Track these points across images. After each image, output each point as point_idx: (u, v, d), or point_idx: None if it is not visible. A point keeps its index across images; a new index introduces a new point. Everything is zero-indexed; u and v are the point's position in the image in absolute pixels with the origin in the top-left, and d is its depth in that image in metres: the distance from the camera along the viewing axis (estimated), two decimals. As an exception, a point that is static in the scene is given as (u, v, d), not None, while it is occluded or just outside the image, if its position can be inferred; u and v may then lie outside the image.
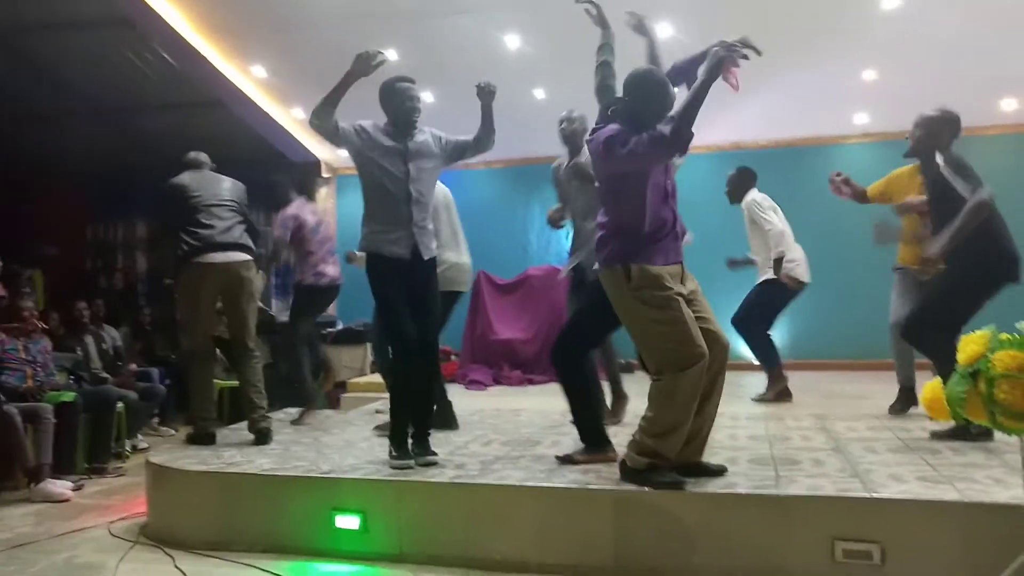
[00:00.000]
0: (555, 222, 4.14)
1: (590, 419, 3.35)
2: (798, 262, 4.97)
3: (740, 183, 5.15)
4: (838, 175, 4.34)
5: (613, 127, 2.85)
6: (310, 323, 4.83)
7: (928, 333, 3.52)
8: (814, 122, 7.60)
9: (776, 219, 4.95)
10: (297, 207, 4.76)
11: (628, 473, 2.83)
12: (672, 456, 2.78)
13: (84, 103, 7.07)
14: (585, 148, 3.45)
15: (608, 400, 4.11)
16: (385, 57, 3.26)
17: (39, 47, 6.24)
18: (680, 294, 2.80)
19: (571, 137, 3.91)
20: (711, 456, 3.23)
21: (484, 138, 3.49)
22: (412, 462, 3.17)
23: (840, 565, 2.49)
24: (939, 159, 3.51)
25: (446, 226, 4.22)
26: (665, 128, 2.71)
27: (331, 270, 4.73)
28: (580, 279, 3.77)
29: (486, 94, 3.39)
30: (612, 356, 4.24)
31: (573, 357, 3.35)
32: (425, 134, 3.43)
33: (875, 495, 2.57)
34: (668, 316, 2.74)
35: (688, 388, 2.70)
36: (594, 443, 3.28)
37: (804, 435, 3.71)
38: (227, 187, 4.19)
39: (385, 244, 3.29)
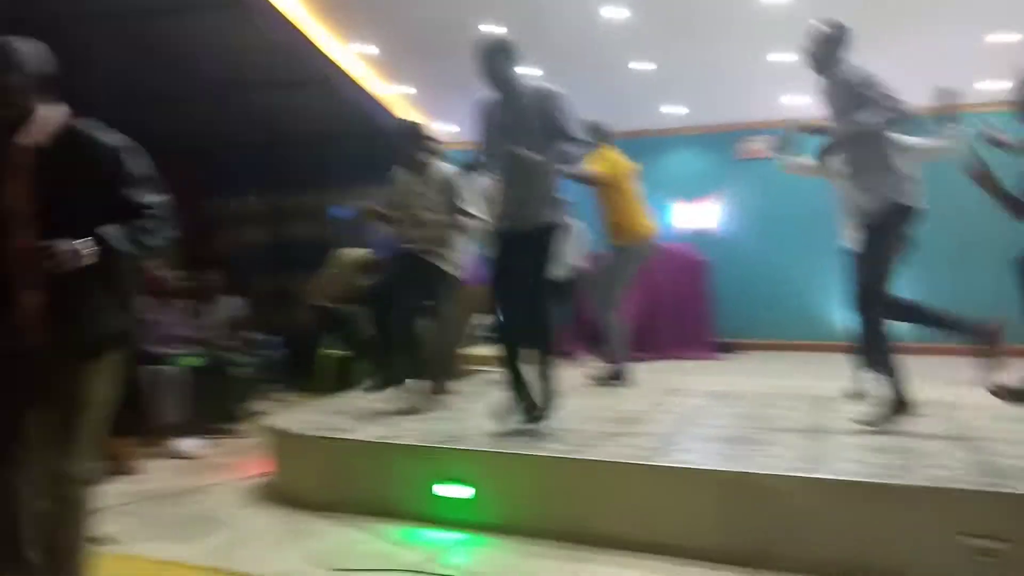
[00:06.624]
0: None
1: None
2: None
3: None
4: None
5: None
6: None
7: None
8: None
9: None
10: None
11: None
12: None
13: (194, 83, 7.38)
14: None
15: None
16: None
17: (151, 30, 6.55)
18: None
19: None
20: (822, 442, 3.12)
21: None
22: None
23: (966, 563, 2.36)
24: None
25: None
26: None
27: None
28: None
29: None
30: None
31: None
32: None
33: (1007, 490, 2.42)
34: None
35: None
36: None
37: (926, 423, 3.52)
38: None
39: None
